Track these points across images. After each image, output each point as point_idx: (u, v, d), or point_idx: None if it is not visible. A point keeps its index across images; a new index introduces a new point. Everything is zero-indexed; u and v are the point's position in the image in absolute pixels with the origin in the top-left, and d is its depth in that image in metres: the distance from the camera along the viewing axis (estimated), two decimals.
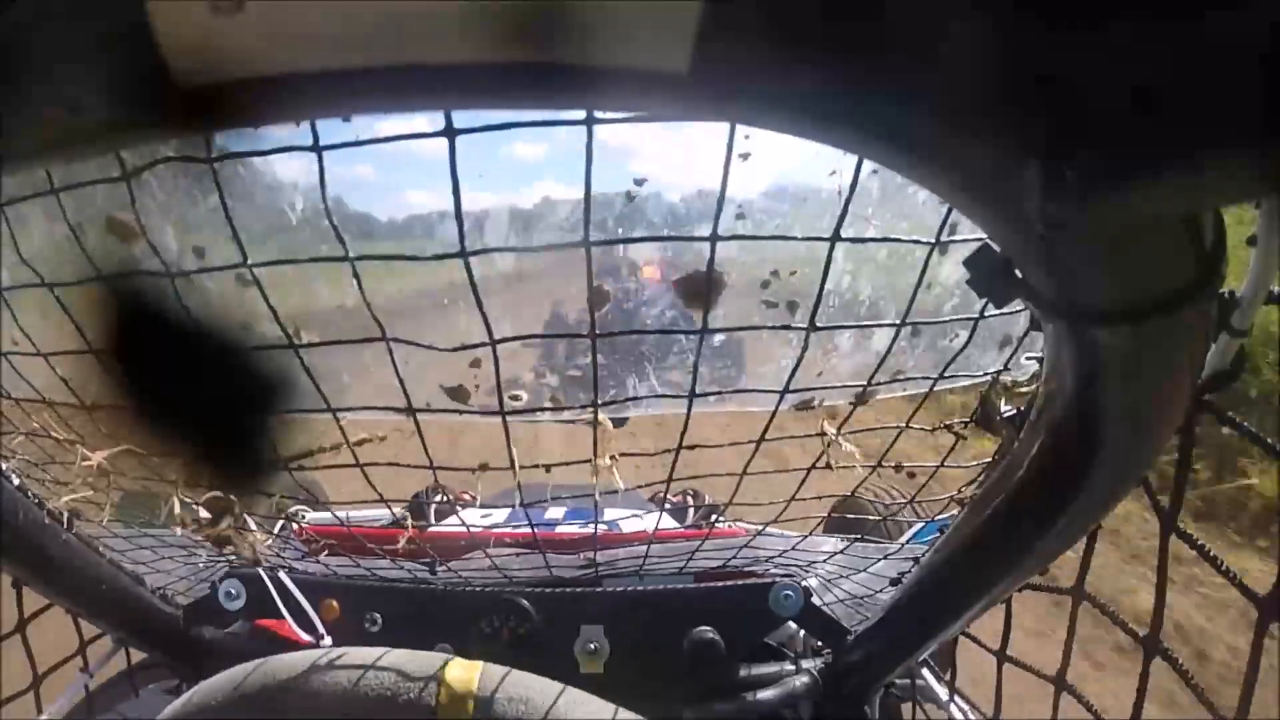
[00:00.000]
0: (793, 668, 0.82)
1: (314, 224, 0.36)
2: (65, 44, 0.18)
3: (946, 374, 0.47)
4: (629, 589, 0.85)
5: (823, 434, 0.53)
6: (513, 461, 0.51)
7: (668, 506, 1.67)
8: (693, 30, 0.18)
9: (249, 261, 0.34)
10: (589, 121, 0.29)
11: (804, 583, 0.82)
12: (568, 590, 0.84)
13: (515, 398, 0.43)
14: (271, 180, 0.36)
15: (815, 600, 0.82)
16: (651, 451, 0.56)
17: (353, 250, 0.35)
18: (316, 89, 0.20)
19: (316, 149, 0.29)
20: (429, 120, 0.29)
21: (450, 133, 0.28)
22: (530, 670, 0.53)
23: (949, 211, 0.35)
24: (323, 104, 0.23)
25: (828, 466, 0.56)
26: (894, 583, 0.73)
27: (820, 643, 0.85)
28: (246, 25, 0.18)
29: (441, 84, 0.20)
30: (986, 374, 0.48)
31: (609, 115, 0.29)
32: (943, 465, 0.59)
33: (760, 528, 0.79)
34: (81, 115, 0.21)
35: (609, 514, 1.20)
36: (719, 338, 0.43)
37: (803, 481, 0.60)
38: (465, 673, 0.50)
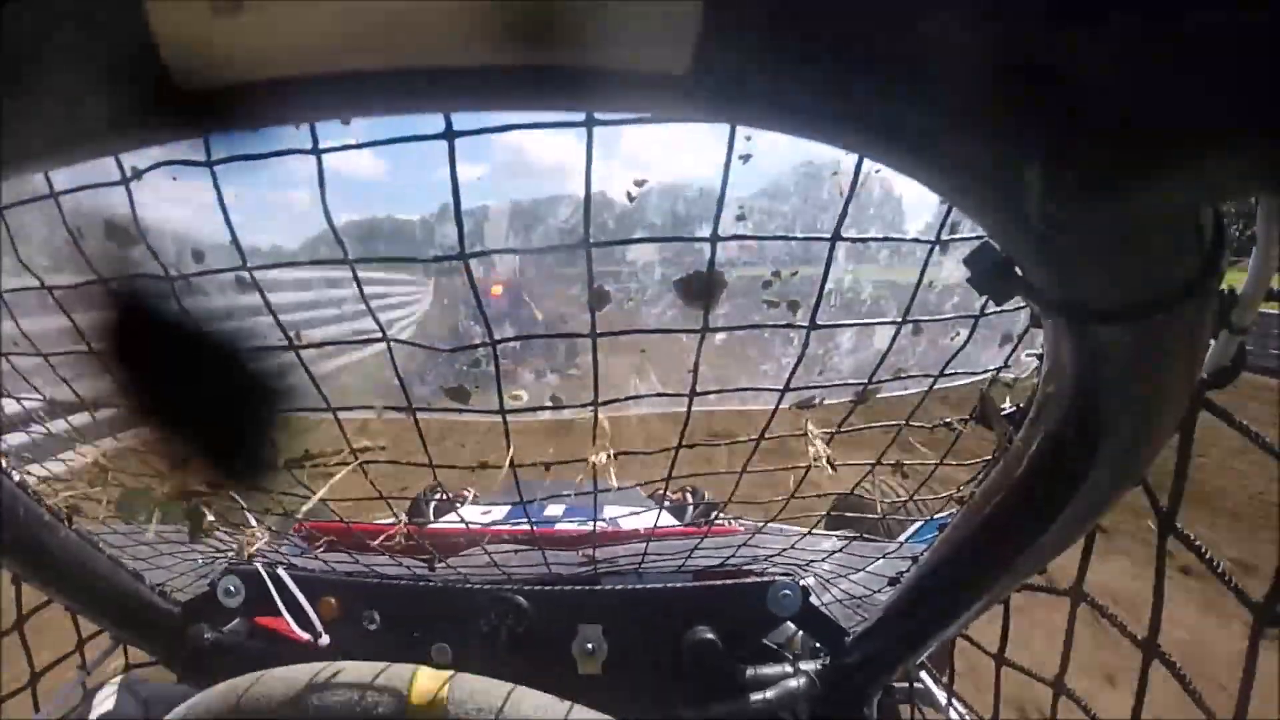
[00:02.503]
0: (791, 669, 0.82)
1: None
2: (66, 46, 0.18)
3: (947, 372, 0.47)
4: (627, 587, 0.84)
5: (806, 433, 0.53)
6: (511, 460, 0.51)
7: (667, 504, 1.67)
8: (693, 33, 0.18)
9: (248, 264, 0.34)
10: (589, 123, 0.29)
11: (802, 582, 0.82)
12: (566, 588, 0.84)
13: (515, 397, 0.43)
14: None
15: (814, 600, 0.82)
16: (650, 449, 0.56)
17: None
18: (316, 92, 0.20)
19: (315, 151, 0.29)
20: None
21: (450, 135, 0.28)
22: (529, 671, 0.53)
23: (949, 210, 0.35)
24: (322, 107, 0.23)
25: (830, 466, 0.56)
26: (892, 582, 0.73)
27: (819, 644, 0.85)
28: (245, 28, 0.18)
29: (442, 87, 0.20)
30: (987, 371, 0.48)
31: (609, 116, 0.29)
32: (941, 463, 0.59)
33: (759, 525, 0.79)
34: (82, 117, 0.21)
35: (608, 511, 1.20)
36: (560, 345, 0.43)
37: (801, 479, 0.60)
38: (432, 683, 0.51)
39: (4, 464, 0.57)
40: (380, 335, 0.39)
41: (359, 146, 0.29)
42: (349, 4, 0.17)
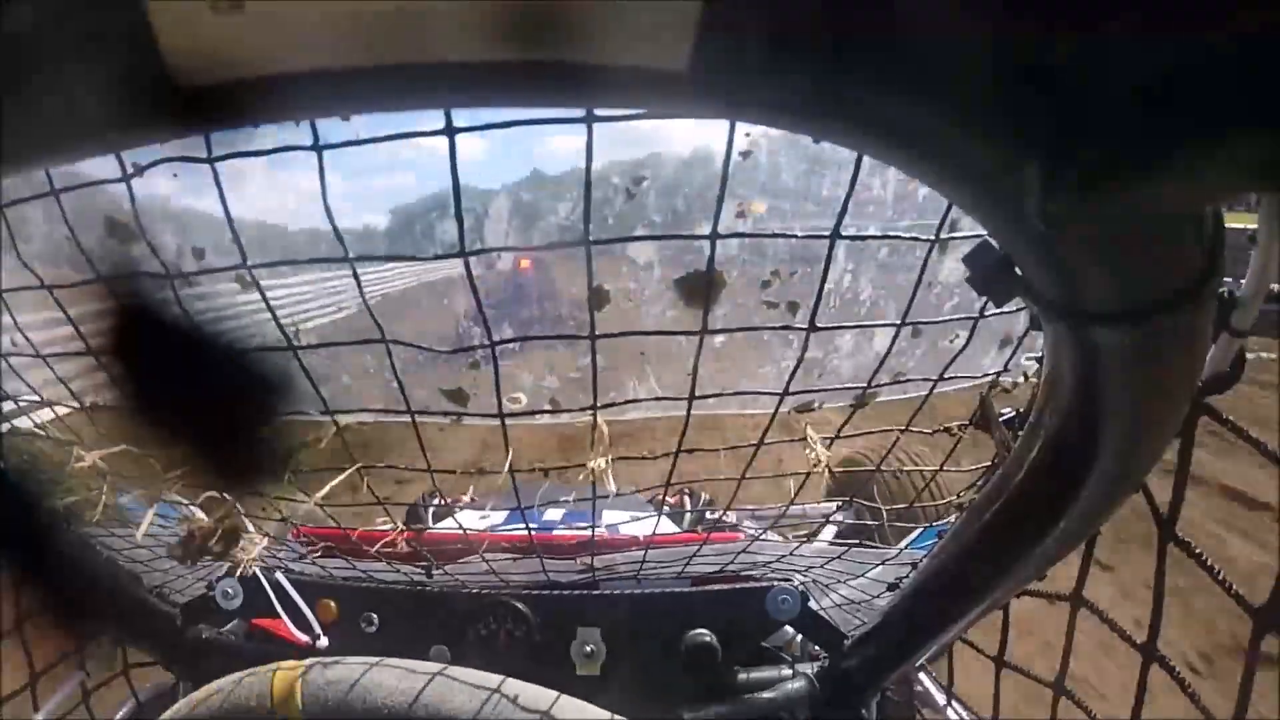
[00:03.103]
0: (790, 672, 0.82)
1: None
2: (67, 45, 0.18)
3: (946, 375, 0.46)
4: (626, 592, 0.84)
5: (805, 438, 0.53)
6: (510, 465, 0.51)
7: (665, 509, 1.67)
8: (692, 29, 0.18)
9: (248, 262, 0.34)
10: (589, 120, 0.29)
11: (801, 587, 0.82)
12: (565, 593, 0.84)
13: (515, 400, 0.43)
14: None
15: (812, 604, 0.82)
16: (649, 455, 0.56)
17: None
18: (316, 89, 0.20)
19: (316, 148, 0.29)
20: None
21: (450, 131, 0.28)
22: (527, 673, 0.53)
23: (949, 209, 0.35)
24: (323, 104, 0.23)
25: (829, 471, 0.56)
26: (891, 588, 0.73)
27: (818, 647, 0.85)
28: (246, 26, 0.18)
29: (442, 83, 0.20)
30: (986, 375, 0.48)
31: (608, 113, 0.29)
32: (941, 469, 0.58)
33: (759, 532, 0.79)
34: (82, 115, 0.21)
35: (607, 516, 1.20)
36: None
37: (800, 486, 0.60)
38: (290, 673, 0.52)
39: (3, 465, 0.57)
40: (380, 337, 0.39)
41: (360, 143, 0.29)
42: (349, 2, 0.18)
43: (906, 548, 0.83)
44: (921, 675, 0.85)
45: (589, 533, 0.80)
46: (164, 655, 0.83)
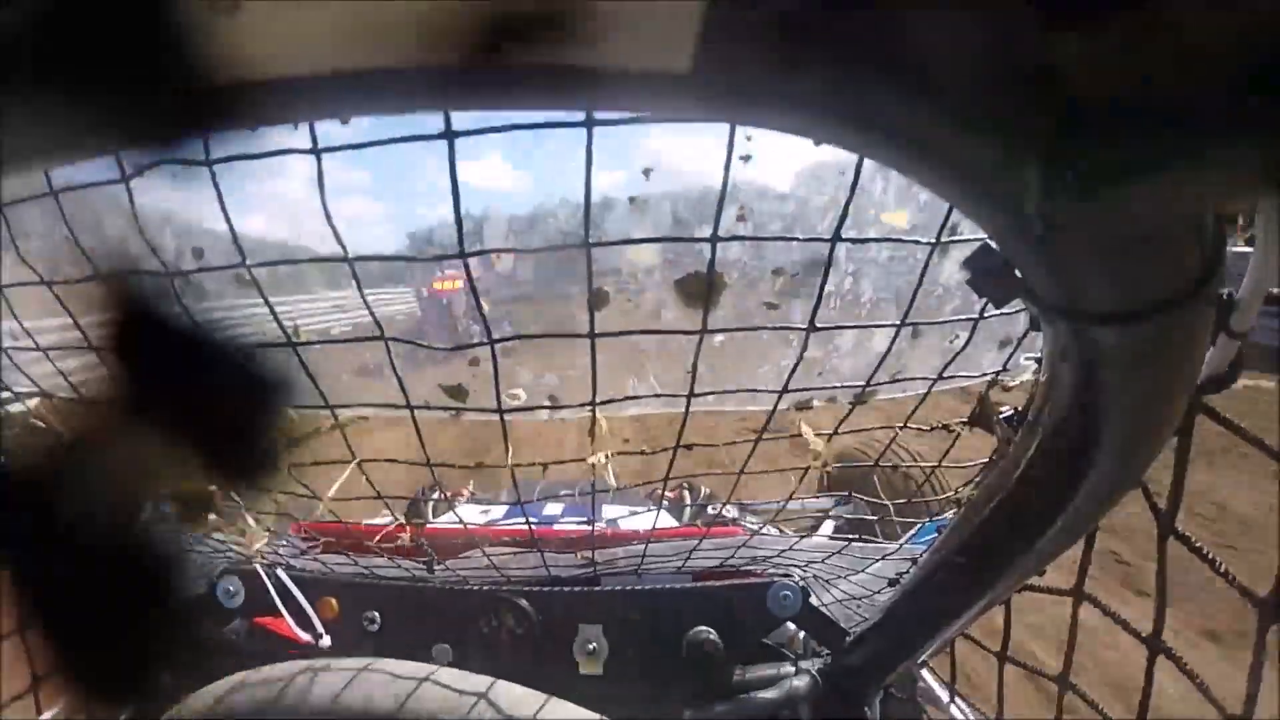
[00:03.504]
0: (792, 669, 0.82)
1: None
2: (64, 46, 0.18)
3: (946, 374, 0.47)
4: (628, 588, 0.85)
5: (801, 433, 0.53)
6: (509, 460, 0.51)
7: (665, 504, 1.67)
8: (695, 32, 0.18)
9: (247, 261, 0.34)
10: (589, 123, 0.29)
11: (802, 582, 0.83)
12: (567, 589, 0.84)
13: (513, 396, 0.43)
14: None
15: (813, 600, 0.82)
16: (649, 450, 0.56)
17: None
18: (314, 91, 0.20)
19: (315, 151, 0.29)
20: None
21: (449, 134, 0.28)
22: (530, 672, 0.53)
23: (949, 211, 0.35)
24: (320, 106, 0.22)
25: (825, 467, 0.56)
26: (892, 583, 0.73)
27: (819, 643, 0.85)
28: (243, 28, 0.17)
29: (444, 86, 0.20)
30: (985, 374, 0.48)
31: (609, 116, 0.29)
32: (940, 465, 0.59)
33: (759, 526, 0.79)
34: (78, 118, 0.21)
35: (607, 511, 1.20)
36: None
37: (800, 480, 0.60)
38: None
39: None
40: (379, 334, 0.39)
41: (357, 146, 0.29)
42: (349, 4, 0.17)
43: (906, 543, 0.84)
44: (924, 673, 0.85)
45: (589, 527, 0.80)
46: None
